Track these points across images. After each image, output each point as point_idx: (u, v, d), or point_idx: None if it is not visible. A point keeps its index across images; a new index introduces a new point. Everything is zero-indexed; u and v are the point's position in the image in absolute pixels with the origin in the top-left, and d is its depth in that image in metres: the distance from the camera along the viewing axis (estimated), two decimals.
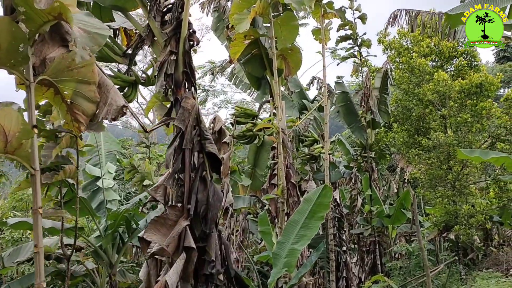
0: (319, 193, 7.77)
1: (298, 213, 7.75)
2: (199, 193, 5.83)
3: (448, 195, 13.73)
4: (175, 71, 6.03)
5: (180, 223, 5.64)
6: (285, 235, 7.60)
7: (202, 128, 6.01)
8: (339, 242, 13.28)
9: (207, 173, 6.01)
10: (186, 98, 5.90)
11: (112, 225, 10.07)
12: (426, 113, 14.64)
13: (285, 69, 9.43)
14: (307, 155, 13.09)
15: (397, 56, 15.45)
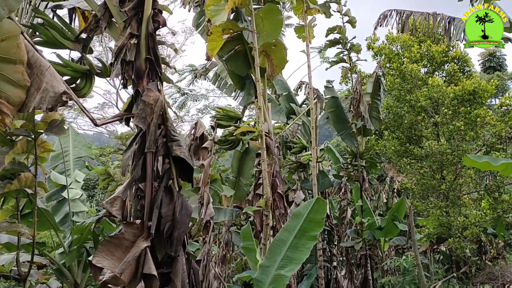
0: (310, 207, 6.57)
1: (285, 230, 6.53)
2: (163, 206, 4.60)
3: (441, 206, 12.79)
4: (136, 58, 4.81)
5: (139, 245, 4.41)
6: (269, 257, 6.36)
7: (168, 127, 4.79)
8: (329, 257, 12.04)
9: (174, 182, 4.78)
10: (148, 91, 4.68)
11: (77, 240, 8.76)
12: (418, 121, 13.75)
13: (268, 68, 8.26)
14: (295, 163, 11.87)
15: (388, 62, 14.53)
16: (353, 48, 13.69)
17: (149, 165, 4.62)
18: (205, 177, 8.28)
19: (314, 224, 6.38)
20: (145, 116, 4.56)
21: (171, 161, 4.80)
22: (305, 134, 12.44)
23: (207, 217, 8.23)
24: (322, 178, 12.00)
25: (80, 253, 9.02)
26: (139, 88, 4.75)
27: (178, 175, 4.82)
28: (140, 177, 4.62)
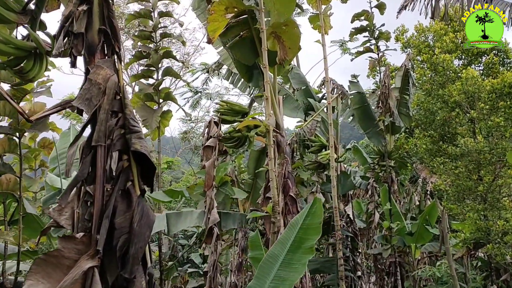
0: (307, 211, 5.44)
1: (279, 243, 5.39)
2: (117, 215, 3.54)
3: (479, 209, 11.41)
4: (88, 30, 3.76)
5: (81, 265, 3.35)
6: (259, 277, 5.22)
7: (127, 115, 3.73)
8: (353, 267, 10.79)
9: (133, 184, 3.71)
10: (98, 68, 3.62)
11: None
12: (452, 117, 12.43)
13: (279, 51, 7.09)
14: (314, 163, 10.68)
15: (418, 54, 13.26)
16: (382, 36, 12.38)
17: (99, 162, 3.57)
18: (209, 180, 7.22)
19: (310, 232, 5.26)
20: (90, 98, 3.51)
21: (131, 158, 3.73)
22: (325, 131, 11.25)
23: (211, 223, 7.17)
24: (344, 179, 10.79)
25: None
26: (90, 66, 3.71)
27: (140, 176, 3.74)
28: (88, 178, 3.56)
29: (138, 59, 10.24)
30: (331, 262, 9.93)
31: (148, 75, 10.15)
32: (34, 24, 4.08)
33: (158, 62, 10.00)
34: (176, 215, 8.45)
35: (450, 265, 8.64)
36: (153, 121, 9.54)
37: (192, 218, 8.35)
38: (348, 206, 11.02)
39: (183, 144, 24.61)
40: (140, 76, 10.19)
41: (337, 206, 9.28)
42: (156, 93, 10.00)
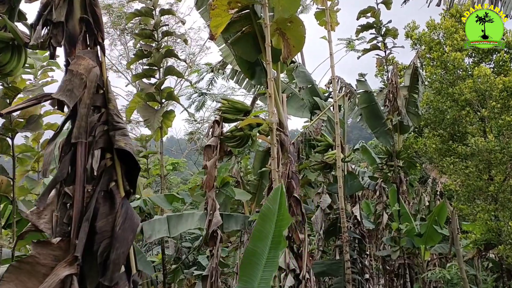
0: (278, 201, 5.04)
1: (260, 239, 4.97)
2: (99, 219, 3.25)
3: (489, 210, 11.02)
4: (68, 19, 3.46)
5: (59, 272, 3.05)
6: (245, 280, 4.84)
7: (111, 111, 3.43)
8: (360, 269, 10.41)
9: (117, 185, 3.41)
10: (79, 58, 3.33)
11: None
12: (462, 116, 12.02)
13: (283, 49, 6.77)
14: (320, 163, 10.33)
15: (428, 51, 12.85)
16: (389, 33, 11.97)
17: (79, 161, 3.27)
18: (209, 180, 6.91)
19: (284, 223, 4.90)
20: (72, 89, 3.21)
21: (115, 156, 3.43)
22: (331, 130, 10.89)
23: (214, 226, 6.86)
24: (351, 180, 10.42)
25: None
26: (71, 58, 3.41)
27: (124, 176, 3.44)
28: (68, 178, 3.27)
29: (140, 58, 9.94)
30: (338, 264, 9.58)
31: (150, 74, 9.85)
32: (12, 14, 3.80)
33: (160, 61, 9.70)
34: (177, 218, 8.17)
35: (461, 267, 8.28)
36: (155, 121, 9.24)
37: (193, 220, 8.06)
38: (355, 207, 10.66)
39: (189, 145, 24.27)
40: (141, 76, 9.90)
41: (343, 207, 8.94)
42: (158, 93, 9.70)
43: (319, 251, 11.20)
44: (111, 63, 25.55)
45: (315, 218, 10.07)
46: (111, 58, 25.93)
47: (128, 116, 9.82)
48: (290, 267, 7.05)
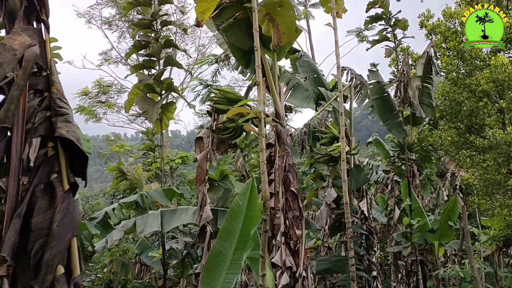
0: (248, 196, 4.59)
1: (225, 238, 4.55)
2: (36, 215, 2.91)
3: (509, 205, 10.53)
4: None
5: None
6: (207, 282, 4.43)
7: (54, 94, 3.08)
8: (367, 266, 9.92)
9: (60, 177, 3.06)
10: (15, 34, 2.99)
11: None
12: (479, 107, 11.48)
13: (273, 36, 6.35)
14: (325, 156, 9.86)
15: (444, 41, 12.28)
16: (399, 24, 11.43)
17: (14, 150, 2.93)
18: (201, 174, 6.55)
19: (254, 221, 4.47)
20: (1, 64, 2.86)
21: (59, 145, 3.08)
22: (337, 122, 10.39)
23: (203, 221, 6.49)
24: (358, 173, 9.93)
25: None
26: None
27: (69, 167, 3.09)
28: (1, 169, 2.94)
29: (138, 49, 9.61)
30: (343, 261, 9.11)
31: (149, 65, 9.52)
32: None
33: (159, 51, 9.37)
34: (171, 212, 7.86)
35: (472, 265, 7.81)
36: (153, 113, 8.91)
37: (187, 215, 7.74)
38: (362, 202, 10.16)
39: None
40: (140, 67, 9.58)
41: (348, 202, 8.49)
42: (158, 84, 9.36)
43: (324, 247, 10.76)
44: (120, 56, 25.41)
45: (320, 213, 9.65)
46: (120, 51, 25.83)
47: (127, 109, 9.52)
48: (286, 265, 6.64)
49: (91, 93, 25.07)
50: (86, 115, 24.36)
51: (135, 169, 10.00)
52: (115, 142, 24.09)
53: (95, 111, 25.04)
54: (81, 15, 26.69)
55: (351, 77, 12.23)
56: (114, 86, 25.87)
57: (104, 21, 26.33)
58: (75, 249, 3.07)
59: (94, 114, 24.73)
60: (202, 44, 25.85)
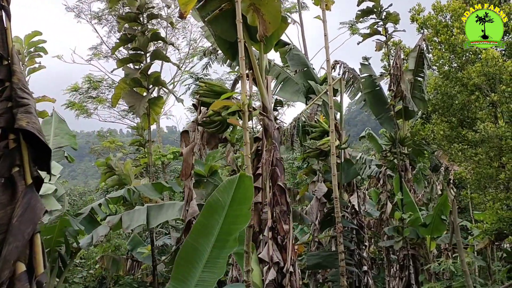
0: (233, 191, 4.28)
1: (201, 234, 4.27)
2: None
3: (501, 198, 10.52)
4: None
5: None
6: (179, 278, 4.20)
7: (15, 85, 2.91)
8: (358, 261, 9.76)
9: (22, 171, 2.89)
10: None
11: (46, 244, 7.07)
12: (471, 101, 11.41)
13: (259, 26, 6.17)
14: (315, 150, 9.69)
15: (435, 35, 12.13)
16: (390, 18, 11.23)
17: None
18: (186, 168, 6.37)
19: (240, 220, 4.20)
20: None
21: (21, 138, 2.91)
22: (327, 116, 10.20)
23: (190, 216, 6.33)
24: (348, 167, 9.77)
25: (53, 258, 7.36)
26: None
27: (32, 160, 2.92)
28: None
29: (124, 42, 9.38)
30: (333, 256, 8.94)
31: (136, 59, 9.31)
32: None
33: (146, 45, 9.15)
34: (158, 208, 7.69)
35: (462, 259, 7.66)
36: (140, 107, 8.72)
37: (174, 211, 7.58)
38: (353, 196, 10.00)
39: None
40: (127, 61, 9.36)
41: (337, 196, 8.33)
42: (145, 78, 9.15)
43: (314, 242, 10.59)
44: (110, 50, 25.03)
45: (310, 208, 9.50)
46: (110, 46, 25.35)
47: (114, 103, 9.33)
48: (274, 260, 6.50)
49: (81, 89, 24.76)
50: (77, 110, 24.07)
51: (123, 164, 9.83)
52: (107, 137, 23.82)
53: (86, 106, 24.77)
54: (70, 9, 26.37)
55: (343, 71, 12.05)
56: (105, 81, 25.55)
57: (94, 15, 25.96)
58: (39, 246, 2.91)
59: (85, 109, 24.41)
60: (193, 38, 25.69)
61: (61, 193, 8.34)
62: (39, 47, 8.52)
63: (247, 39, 6.75)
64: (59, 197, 8.21)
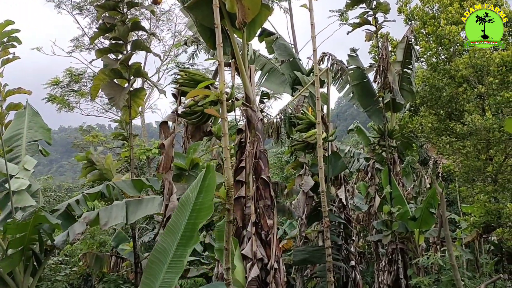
0: (199, 185, 3.96)
1: (169, 232, 3.94)
2: None
3: (489, 191, 10.33)
4: None
5: None
6: (146, 282, 3.85)
7: None
8: (346, 256, 9.42)
9: None
10: None
11: (19, 241, 6.65)
12: (459, 93, 11.20)
13: (238, 12, 5.79)
14: (301, 143, 9.32)
15: (422, 26, 11.85)
16: (380, 7, 10.86)
17: None
18: (166, 161, 6.01)
19: (203, 214, 3.87)
20: None
21: None
22: (314, 108, 9.81)
23: (169, 212, 5.96)
24: (335, 160, 9.42)
25: (27, 256, 6.96)
26: None
27: None
28: None
29: (104, 32, 8.93)
30: (321, 251, 8.57)
31: (116, 49, 8.87)
32: None
33: (126, 34, 8.72)
34: (137, 203, 7.33)
35: (450, 253, 7.40)
36: (120, 99, 8.30)
37: (154, 206, 7.22)
38: (340, 190, 9.66)
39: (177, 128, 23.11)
40: (107, 51, 8.91)
41: (324, 190, 7.98)
42: (126, 69, 8.71)
43: (301, 237, 10.24)
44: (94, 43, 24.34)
45: (297, 202, 9.16)
46: None
47: (93, 95, 8.88)
48: (257, 256, 6.16)
49: (62, 82, 23.96)
50: (59, 104, 23.31)
51: (104, 158, 9.41)
52: (90, 132, 23.16)
53: (68, 100, 24.01)
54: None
55: (331, 63, 11.69)
56: (87, 74, 24.75)
57: (75, 5, 25.09)
58: None
59: (67, 103, 23.65)
60: (178, 30, 25.06)
61: (35, 189, 7.88)
62: (12, 37, 8.07)
63: (229, 26, 6.40)
64: (34, 192, 7.74)
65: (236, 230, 6.50)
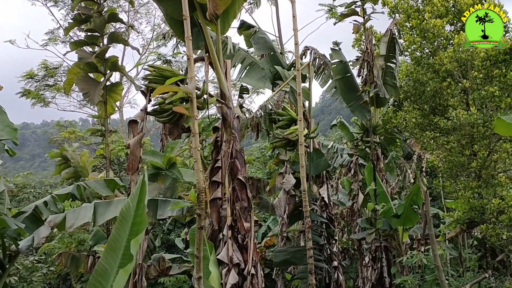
0: (138, 196, 3.44)
1: (109, 251, 3.40)
2: None
3: (472, 187, 10.12)
4: None
5: None
6: None
7: None
8: (328, 256, 9.03)
9: None
10: None
11: None
12: (443, 87, 10.92)
13: (208, 3, 5.34)
14: (282, 140, 8.89)
15: (406, 19, 11.51)
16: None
17: None
18: (133, 162, 5.56)
19: (142, 227, 3.36)
20: None
21: None
22: (295, 104, 9.36)
23: None
24: (317, 158, 9.02)
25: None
26: None
27: None
28: None
29: (79, 23, 8.42)
30: (302, 252, 8.14)
31: (91, 41, 8.37)
32: None
33: (103, 26, 8.23)
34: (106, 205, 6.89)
35: (434, 254, 7.10)
36: (95, 94, 7.83)
37: None
38: (322, 188, 9.26)
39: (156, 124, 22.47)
40: (82, 43, 8.42)
41: (305, 189, 7.60)
42: (101, 63, 8.22)
43: (282, 237, 9.82)
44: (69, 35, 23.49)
45: (278, 201, 8.76)
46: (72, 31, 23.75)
47: (67, 90, 8.41)
48: (234, 261, 5.75)
49: (37, 76, 23.07)
50: (33, 99, 22.52)
51: (79, 155, 8.92)
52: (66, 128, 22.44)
53: (43, 95, 23.25)
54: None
55: (314, 57, 11.28)
56: (63, 68, 23.76)
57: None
58: None
59: (42, 98, 22.85)
60: (157, 23, 24.44)
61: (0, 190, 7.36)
62: None
63: (201, 19, 5.96)
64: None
65: (212, 233, 6.10)
